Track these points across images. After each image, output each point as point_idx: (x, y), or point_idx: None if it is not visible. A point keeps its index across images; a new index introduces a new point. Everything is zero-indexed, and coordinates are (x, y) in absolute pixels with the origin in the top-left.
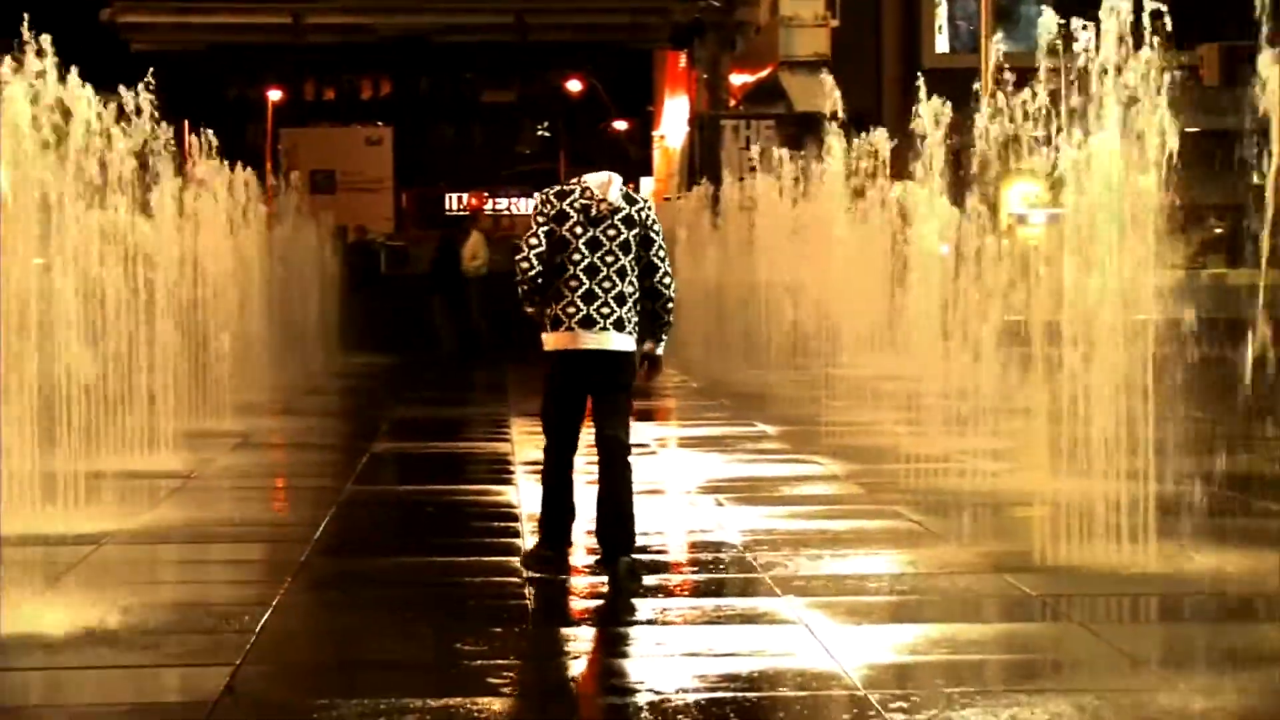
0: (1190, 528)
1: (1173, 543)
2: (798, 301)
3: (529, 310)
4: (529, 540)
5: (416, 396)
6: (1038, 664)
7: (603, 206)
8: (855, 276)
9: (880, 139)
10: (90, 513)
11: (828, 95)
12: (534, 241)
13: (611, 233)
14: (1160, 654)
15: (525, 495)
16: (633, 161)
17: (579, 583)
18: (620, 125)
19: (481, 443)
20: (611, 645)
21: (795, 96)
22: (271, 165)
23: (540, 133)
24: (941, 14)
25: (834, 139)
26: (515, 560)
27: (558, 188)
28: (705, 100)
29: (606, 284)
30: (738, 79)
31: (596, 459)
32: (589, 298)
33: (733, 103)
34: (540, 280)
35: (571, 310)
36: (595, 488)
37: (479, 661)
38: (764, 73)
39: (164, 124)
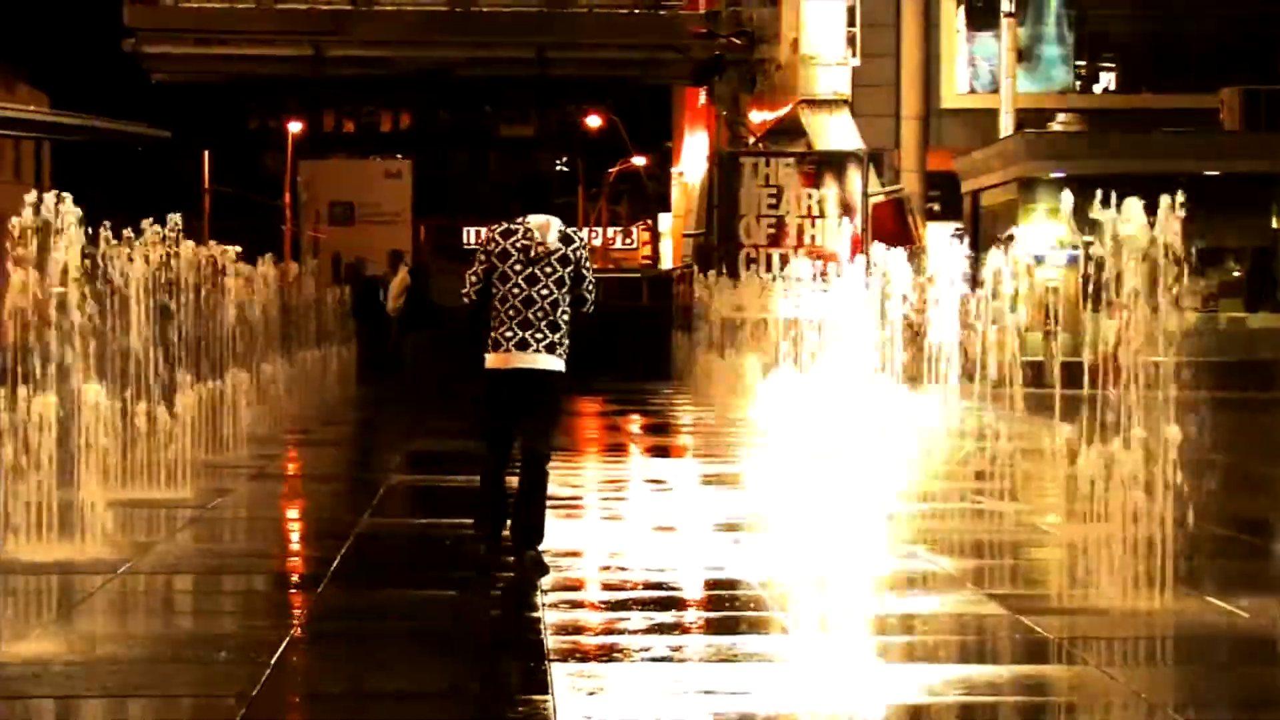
0: (1209, 571)
1: (1191, 586)
2: None
3: (470, 333)
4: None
5: (415, 430)
6: (1053, 707)
7: (540, 249)
8: None
9: None
10: (107, 542)
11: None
12: (473, 279)
13: (548, 270)
14: (1177, 698)
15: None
16: (551, 201)
17: (595, 617)
18: (638, 161)
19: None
20: (627, 679)
21: (815, 134)
22: (290, 196)
23: (559, 167)
24: (961, 54)
25: None
26: (531, 594)
27: (503, 226)
28: (724, 137)
29: (540, 314)
30: (757, 116)
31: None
32: (524, 325)
33: (752, 140)
34: (476, 311)
35: (509, 335)
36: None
37: (493, 696)
38: (784, 110)
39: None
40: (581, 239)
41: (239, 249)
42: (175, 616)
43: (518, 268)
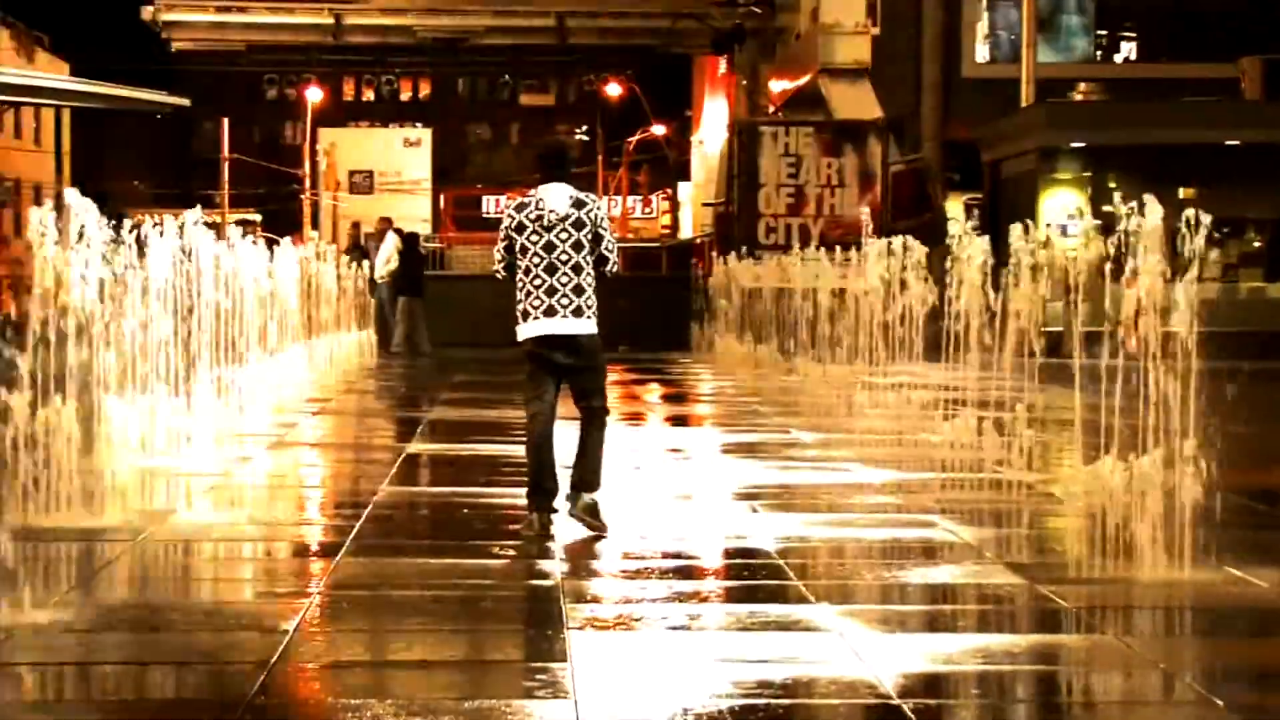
0: (1230, 542)
1: (1211, 557)
2: None
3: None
4: (562, 544)
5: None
6: (1071, 675)
7: (552, 216)
8: None
9: None
10: (126, 509)
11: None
12: (497, 255)
13: (564, 236)
14: (1195, 668)
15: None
16: (574, 158)
17: (614, 587)
18: (658, 130)
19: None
20: (645, 648)
21: (835, 104)
22: (310, 164)
23: (579, 135)
24: (982, 23)
25: None
26: (548, 563)
27: (518, 200)
28: (744, 106)
29: (564, 279)
30: (777, 85)
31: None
32: (550, 292)
33: (772, 109)
34: (507, 280)
35: (536, 303)
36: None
37: (511, 664)
38: (804, 79)
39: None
40: (594, 201)
41: (259, 217)
42: (193, 584)
43: (534, 238)
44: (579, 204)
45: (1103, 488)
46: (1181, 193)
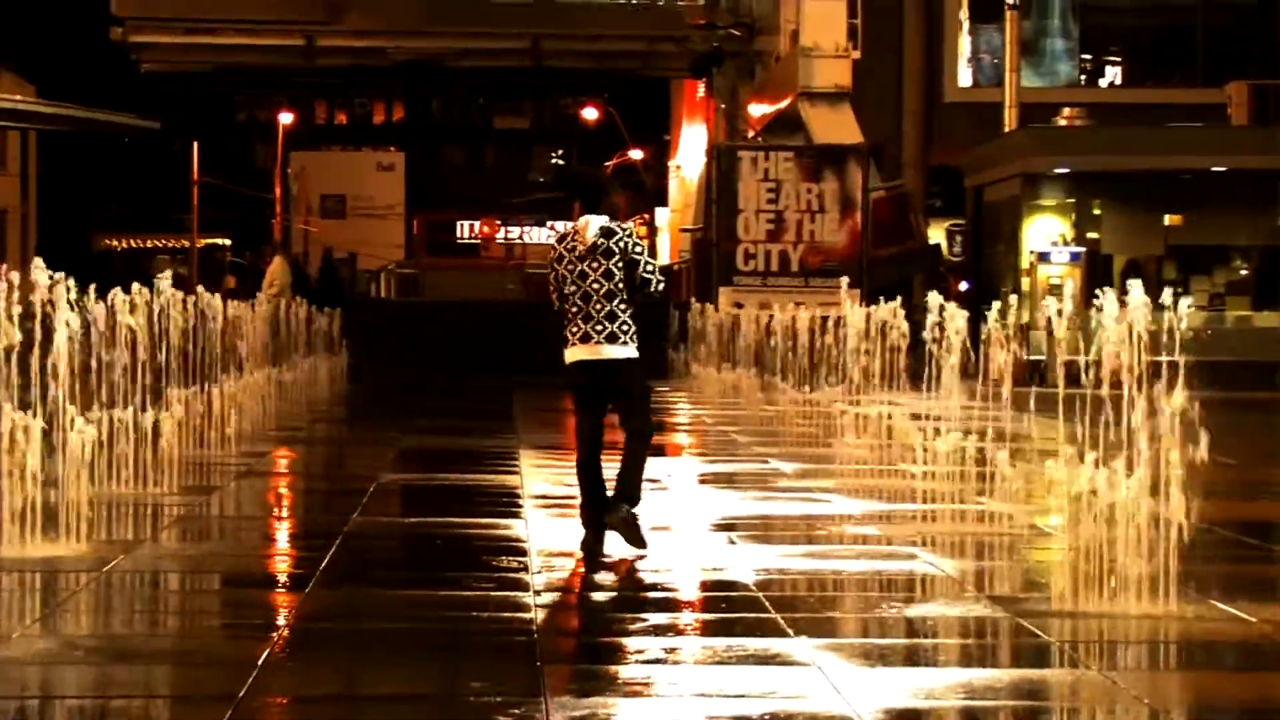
0: (1217, 575)
1: (1198, 590)
2: None
3: None
4: (538, 577)
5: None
6: (1054, 711)
7: (582, 247)
8: None
9: None
10: (93, 540)
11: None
12: (550, 286)
13: (594, 265)
14: (1180, 703)
15: (534, 529)
16: (605, 189)
17: (590, 620)
18: (635, 154)
19: (489, 475)
20: (621, 683)
21: (815, 128)
22: (281, 188)
23: (554, 160)
24: (964, 47)
25: None
26: (524, 595)
27: (560, 232)
28: (723, 130)
29: (598, 306)
30: (756, 109)
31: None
32: (586, 319)
33: (751, 133)
34: (559, 308)
35: (575, 330)
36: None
37: (484, 698)
38: (783, 103)
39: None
40: (623, 230)
41: (228, 241)
42: (159, 616)
43: (571, 267)
44: (608, 233)
45: (1087, 519)
46: (1167, 219)
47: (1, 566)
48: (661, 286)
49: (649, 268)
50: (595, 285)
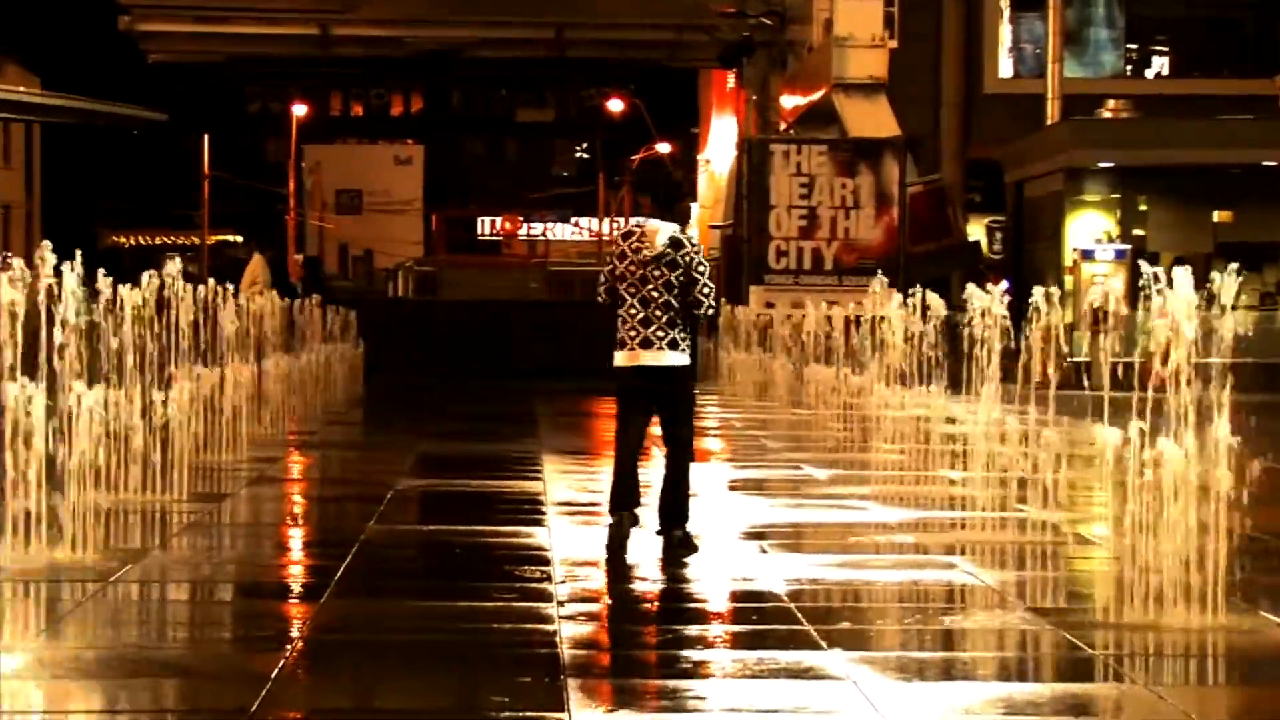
0: (1266, 586)
1: (1246, 601)
2: None
3: None
4: (561, 587)
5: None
6: None
7: (648, 253)
8: None
9: None
10: (105, 547)
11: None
12: (602, 279)
13: (657, 273)
14: (1227, 719)
15: (557, 537)
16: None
17: (615, 631)
18: (663, 147)
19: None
20: (648, 697)
21: (850, 121)
22: (295, 183)
23: (578, 154)
24: (1005, 36)
25: None
26: (546, 605)
27: (625, 228)
28: (754, 123)
29: (658, 312)
30: (789, 101)
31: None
32: (645, 323)
33: (783, 126)
34: (609, 305)
35: (633, 334)
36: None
37: (506, 713)
38: (816, 95)
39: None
40: (692, 243)
41: (240, 239)
42: (169, 627)
43: (633, 269)
44: (676, 244)
45: (1131, 528)
46: (1216, 215)
47: (6, 575)
48: (711, 312)
49: (705, 290)
50: (654, 293)
